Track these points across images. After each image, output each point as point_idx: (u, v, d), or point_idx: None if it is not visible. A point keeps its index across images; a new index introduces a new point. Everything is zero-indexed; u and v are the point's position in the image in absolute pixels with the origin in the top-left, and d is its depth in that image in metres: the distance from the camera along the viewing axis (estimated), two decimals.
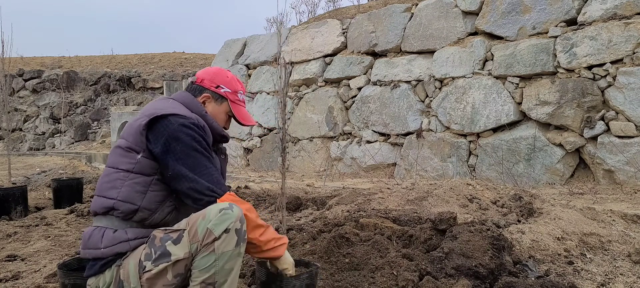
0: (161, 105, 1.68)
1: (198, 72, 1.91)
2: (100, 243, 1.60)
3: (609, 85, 4.85)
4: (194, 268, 1.52)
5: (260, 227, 1.65)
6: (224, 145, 1.95)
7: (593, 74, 4.97)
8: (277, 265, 1.75)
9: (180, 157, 1.58)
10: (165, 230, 1.58)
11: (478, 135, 5.81)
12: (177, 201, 1.68)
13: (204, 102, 1.83)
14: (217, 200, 1.58)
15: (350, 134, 7.24)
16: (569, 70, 5.13)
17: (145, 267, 1.52)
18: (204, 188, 1.58)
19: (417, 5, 6.78)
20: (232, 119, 1.93)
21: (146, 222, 1.64)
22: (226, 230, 1.50)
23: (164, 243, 1.53)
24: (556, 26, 5.30)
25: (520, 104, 5.49)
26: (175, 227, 1.57)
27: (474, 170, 5.75)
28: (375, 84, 7.00)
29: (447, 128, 6.09)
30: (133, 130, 1.65)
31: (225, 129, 1.89)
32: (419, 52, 6.60)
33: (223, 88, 1.86)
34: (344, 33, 7.66)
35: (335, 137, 7.41)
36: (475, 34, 6.12)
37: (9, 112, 5.54)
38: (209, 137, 1.71)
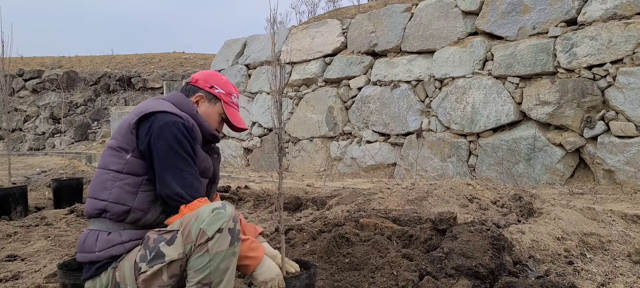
0: (151, 104, 1.71)
1: (193, 74, 1.94)
2: (95, 247, 1.61)
3: (609, 85, 4.85)
4: (189, 268, 1.51)
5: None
6: (223, 145, 1.97)
7: (593, 74, 4.97)
8: (255, 278, 1.63)
9: (160, 158, 1.60)
10: (159, 231, 1.57)
11: (478, 135, 5.81)
12: None
13: (197, 102, 1.86)
14: (184, 206, 1.56)
15: (350, 134, 7.24)
16: (569, 70, 5.13)
17: (140, 268, 1.52)
18: (173, 194, 1.58)
19: (417, 5, 6.78)
20: (225, 123, 1.96)
21: (139, 223, 1.64)
22: (219, 230, 1.49)
23: (157, 245, 1.52)
24: (556, 26, 5.30)
25: (520, 104, 5.49)
26: (169, 227, 1.57)
27: (474, 170, 5.75)
28: (375, 84, 7.00)
29: (447, 128, 6.09)
30: (123, 130, 1.67)
31: (218, 131, 1.90)
32: (419, 52, 6.60)
33: (217, 89, 1.89)
34: (344, 33, 7.66)
35: (335, 137, 7.41)
36: (475, 34, 6.12)
37: (9, 112, 5.54)
38: (196, 136, 1.72)
